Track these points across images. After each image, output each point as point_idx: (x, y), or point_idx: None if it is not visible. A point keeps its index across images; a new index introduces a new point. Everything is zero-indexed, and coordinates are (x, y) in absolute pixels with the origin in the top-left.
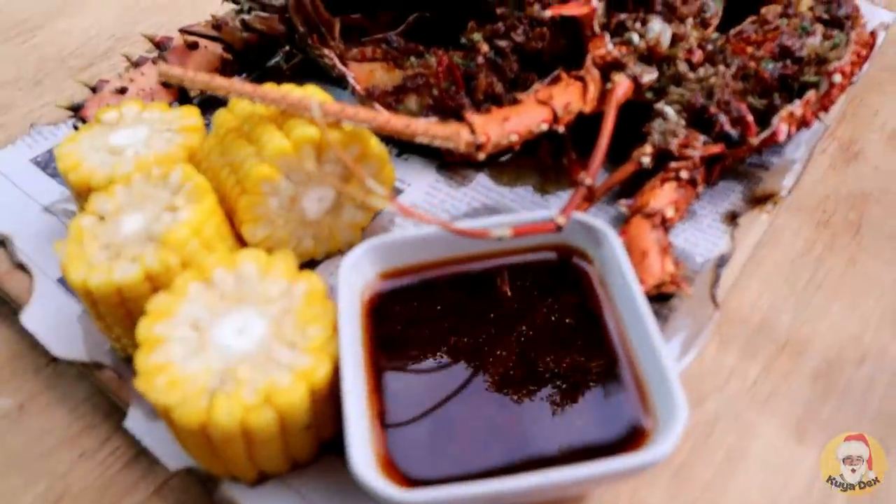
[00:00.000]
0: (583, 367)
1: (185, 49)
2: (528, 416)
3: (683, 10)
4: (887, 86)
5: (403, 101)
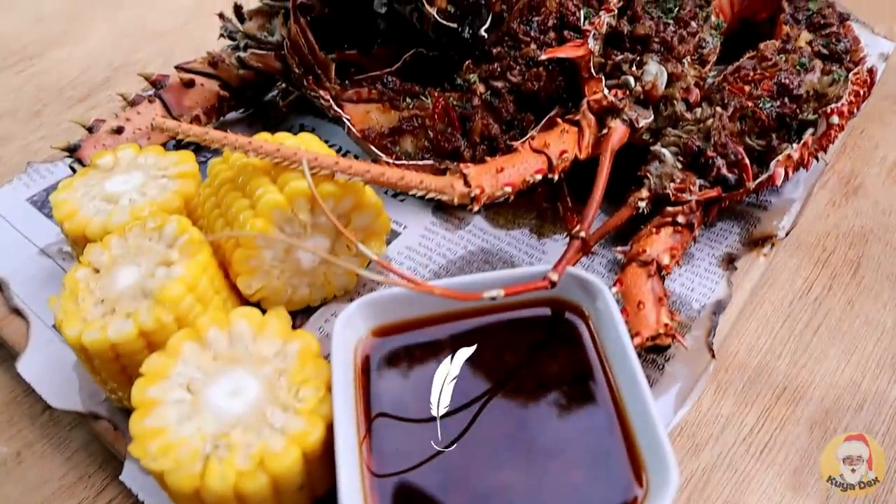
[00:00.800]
0: (574, 429)
1: (181, 87)
2: (519, 479)
3: (680, 48)
4: (888, 116)
5: (399, 143)
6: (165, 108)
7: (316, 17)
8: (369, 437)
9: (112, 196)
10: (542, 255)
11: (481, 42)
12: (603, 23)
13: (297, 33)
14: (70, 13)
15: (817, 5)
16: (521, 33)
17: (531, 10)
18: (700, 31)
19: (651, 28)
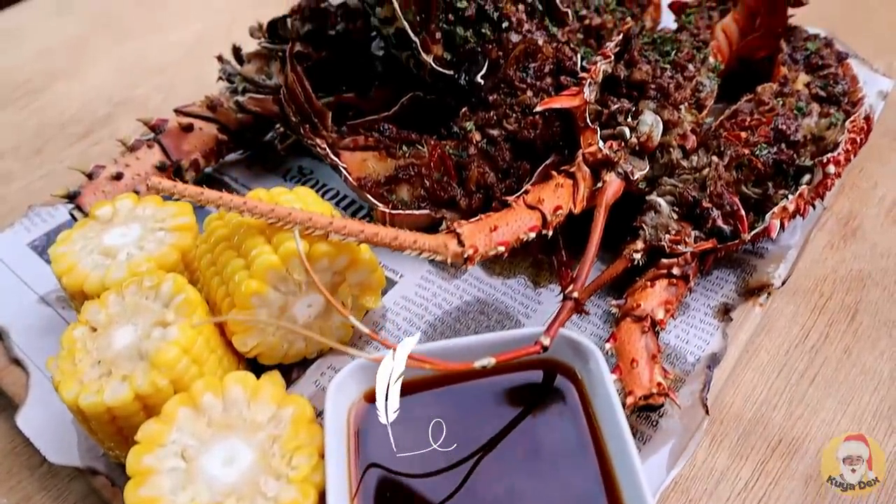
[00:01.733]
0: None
1: (179, 131)
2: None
3: (677, 95)
4: (887, 153)
5: (396, 192)
6: (164, 152)
7: (314, 59)
8: (362, 499)
9: (110, 250)
10: (537, 305)
11: (478, 89)
12: (599, 70)
13: (294, 81)
14: (73, 45)
15: (815, 45)
16: (518, 80)
17: (527, 56)
18: (697, 75)
19: (648, 73)
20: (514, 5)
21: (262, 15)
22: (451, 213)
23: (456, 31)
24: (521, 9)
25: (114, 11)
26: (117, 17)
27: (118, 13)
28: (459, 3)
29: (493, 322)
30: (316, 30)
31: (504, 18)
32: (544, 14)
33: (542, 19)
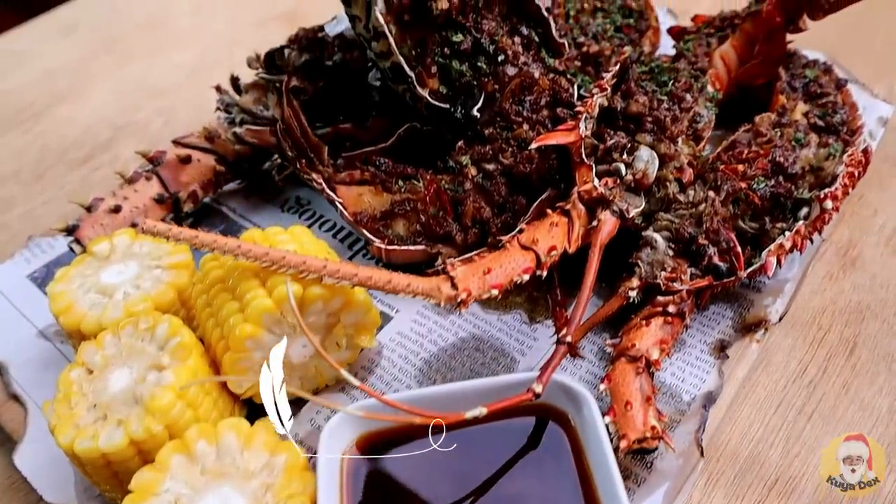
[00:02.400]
0: None
1: (177, 163)
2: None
3: (674, 129)
4: (887, 179)
5: (391, 227)
6: (162, 184)
7: (310, 93)
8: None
9: (107, 288)
10: (533, 342)
11: (474, 122)
12: (595, 104)
13: (290, 116)
14: (76, 68)
15: (814, 72)
16: (513, 114)
17: (523, 89)
18: (695, 105)
19: (645, 105)
20: (510, 38)
21: (263, 35)
22: (447, 248)
23: (452, 65)
24: (518, 41)
25: (117, 33)
26: (120, 38)
27: (121, 35)
28: (455, 36)
29: (489, 359)
30: (313, 60)
31: (500, 52)
32: (540, 46)
33: (539, 51)
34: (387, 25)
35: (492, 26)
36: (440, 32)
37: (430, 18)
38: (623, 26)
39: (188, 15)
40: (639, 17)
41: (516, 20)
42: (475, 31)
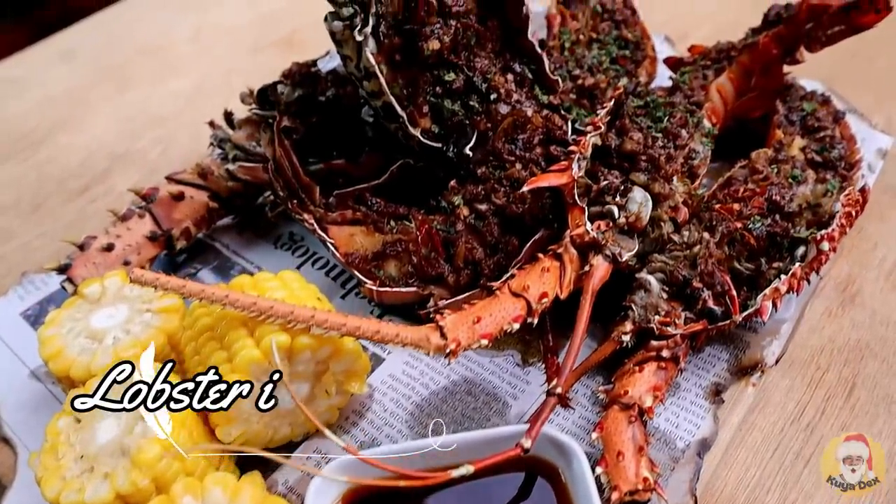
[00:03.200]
0: None
1: (170, 200)
2: None
3: (668, 168)
4: (887, 211)
5: (383, 268)
6: (155, 221)
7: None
8: None
9: (97, 333)
10: (525, 385)
11: (467, 161)
12: (588, 143)
13: (281, 156)
14: (75, 95)
15: (812, 105)
16: (506, 153)
17: (516, 128)
18: (690, 141)
19: (639, 143)
20: (503, 76)
21: (260, 62)
22: (440, 289)
23: (444, 104)
24: (511, 78)
25: (116, 60)
26: (119, 65)
27: (120, 61)
28: (447, 75)
29: (481, 404)
30: (306, 95)
31: (492, 90)
32: (534, 82)
33: (532, 88)
34: (377, 66)
35: (484, 64)
36: (432, 72)
37: (421, 58)
38: (619, 57)
39: (187, 41)
40: (635, 47)
41: (509, 57)
42: (467, 69)
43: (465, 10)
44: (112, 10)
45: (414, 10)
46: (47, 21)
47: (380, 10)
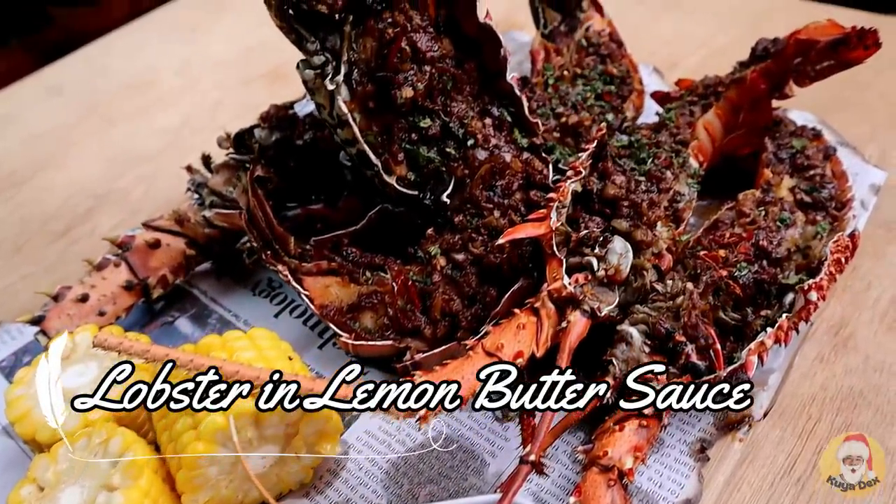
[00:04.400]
0: None
1: (146, 248)
2: None
3: (651, 214)
4: (882, 247)
5: (359, 320)
6: (131, 270)
7: (281, 169)
8: None
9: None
10: (504, 442)
11: (444, 208)
12: (568, 190)
13: (255, 206)
14: (60, 132)
15: (801, 142)
16: (484, 200)
17: (494, 174)
18: (675, 183)
19: (622, 186)
20: (481, 120)
21: (246, 95)
22: (416, 341)
23: (419, 152)
24: (489, 123)
25: (102, 95)
26: (106, 100)
27: (107, 96)
28: (423, 122)
29: (458, 462)
30: (284, 139)
31: (469, 135)
32: (513, 126)
33: (511, 131)
34: (350, 114)
35: (461, 109)
36: (406, 118)
37: (395, 106)
38: (604, 93)
39: (174, 74)
40: (621, 82)
41: (488, 100)
42: (444, 114)
43: (441, 55)
44: (101, 43)
45: (387, 56)
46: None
47: (352, 57)
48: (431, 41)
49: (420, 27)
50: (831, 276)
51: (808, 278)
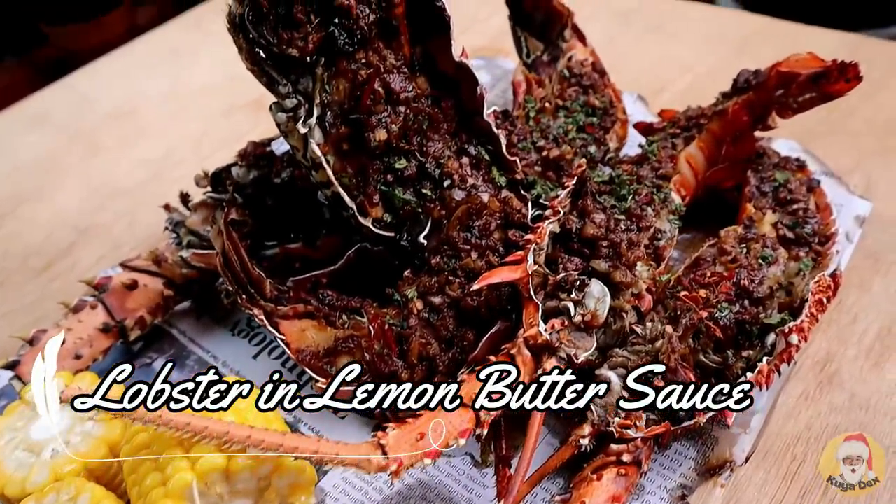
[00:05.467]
0: None
1: (123, 290)
2: None
3: (630, 255)
4: (868, 278)
5: (335, 364)
6: (108, 312)
7: (259, 207)
8: None
9: (35, 446)
10: (482, 489)
11: (421, 249)
12: (545, 232)
13: (229, 249)
14: (44, 165)
15: (784, 176)
16: (461, 242)
17: (471, 214)
18: (656, 220)
19: (601, 226)
20: (458, 159)
21: (230, 125)
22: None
23: (395, 193)
24: (466, 162)
25: (87, 124)
26: (90, 131)
27: (91, 126)
28: (398, 162)
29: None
30: (261, 177)
31: (446, 176)
32: (491, 164)
33: (489, 170)
34: (324, 156)
35: (437, 148)
36: (382, 159)
37: (369, 148)
38: (586, 125)
39: (158, 104)
40: (603, 113)
41: (465, 138)
42: (420, 154)
43: (417, 94)
44: (87, 69)
45: (360, 98)
46: (46, 62)
47: (325, 99)
48: (406, 81)
49: (394, 67)
50: (812, 317)
51: (790, 318)
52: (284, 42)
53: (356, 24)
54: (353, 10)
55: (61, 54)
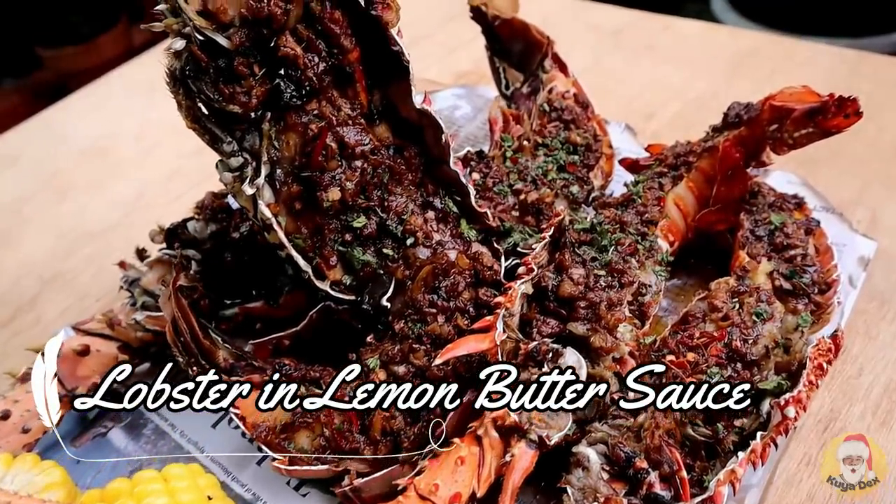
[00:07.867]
0: None
1: (74, 356)
2: None
3: (610, 317)
4: (875, 324)
5: (294, 440)
6: (58, 381)
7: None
8: None
9: None
10: None
11: (385, 313)
12: (517, 295)
13: (179, 317)
14: (12, 208)
15: (781, 218)
16: (427, 305)
17: (437, 274)
18: (641, 272)
19: (580, 283)
20: (422, 214)
21: (201, 164)
22: (356, 463)
23: (354, 254)
24: (431, 216)
25: (59, 164)
26: (61, 170)
27: (63, 166)
28: (356, 220)
29: None
30: (219, 232)
31: (408, 233)
32: (459, 217)
33: (457, 223)
34: (275, 217)
35: (400, 203)
36: (338, 218)
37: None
38: (568, 164)
39: (132, 141)
40: (586, 149)
41: (431, 189)
42: (380, 210)
43: (375, 146)
44: (59, 106)
45: (311, 154)
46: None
47: (274, 156)
48: (362, 133)
49: (349, 118)
50: (811, 384)
51: (786, 382)
52: (226, 98)
53: (304, 75)
54: (300, 60)
55: (58, 77)
